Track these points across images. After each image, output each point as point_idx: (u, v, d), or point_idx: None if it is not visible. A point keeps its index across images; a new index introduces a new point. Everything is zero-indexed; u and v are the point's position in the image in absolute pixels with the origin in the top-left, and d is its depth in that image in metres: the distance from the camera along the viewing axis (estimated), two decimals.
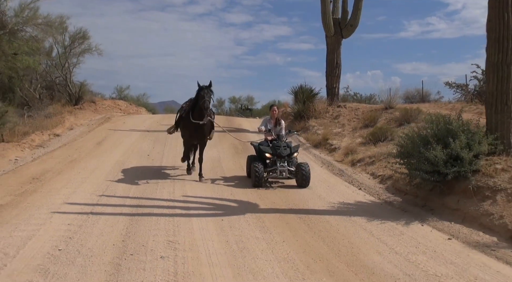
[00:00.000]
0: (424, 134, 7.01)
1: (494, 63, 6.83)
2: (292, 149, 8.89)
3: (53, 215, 6.33)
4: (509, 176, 6.30)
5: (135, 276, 4.37)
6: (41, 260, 4.70)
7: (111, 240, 5.40)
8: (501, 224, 5.68)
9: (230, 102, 45.22)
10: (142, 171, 9.71)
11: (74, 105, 21.02)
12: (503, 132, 6.84)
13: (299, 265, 4.80)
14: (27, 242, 5.22)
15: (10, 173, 9.03)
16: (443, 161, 6.56)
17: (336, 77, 16.49)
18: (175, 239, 5.50)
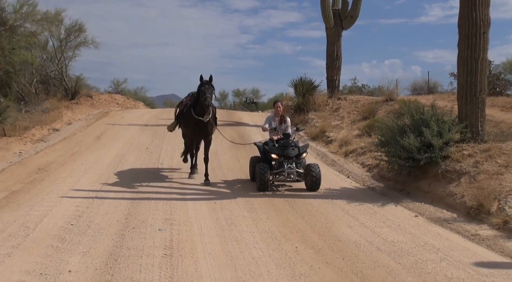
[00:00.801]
0: (401, 124, 8.28)
1: (464, 58, 8.08)
2: (300, 149, 8.81)
3: (62, 199, 7.69)
4: (474, 160, 7.57)
5: (137, 243, 5.70)
6: (57, 231, 6.05)
7: (115, 217, 6.74)
8: (462, 202, 6.95)
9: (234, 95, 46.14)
10: (141, 163, 11.05)
11: (70, 100, 22.41)
12: (472, 121, 8.10)
13: (277, 235, 6.11)
14: (43, 219, 6.58)
15: (16, 164, 10.43)
16: (416, 148, 7.84)
17: (336, 69, 17.74)
18: (171, 217, 6.83)
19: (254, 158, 9.58)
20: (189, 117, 9.18)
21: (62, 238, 5.80)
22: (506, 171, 7.10)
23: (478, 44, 7.95)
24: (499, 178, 7.00)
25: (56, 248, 5.45)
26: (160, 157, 11.79)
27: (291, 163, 8.62)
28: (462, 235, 6.09)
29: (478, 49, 7.95)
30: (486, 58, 8.09)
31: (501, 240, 5.77)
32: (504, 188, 6.71)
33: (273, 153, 8.73)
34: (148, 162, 11.20)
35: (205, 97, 8.62)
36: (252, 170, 9.36)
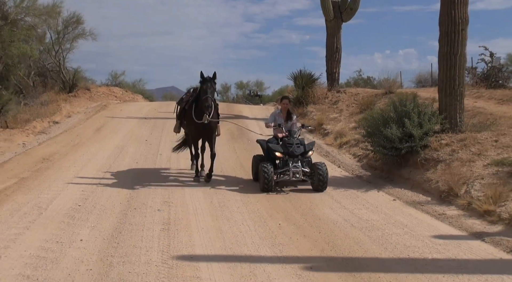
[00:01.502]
0: (386, 116, 9.40)
1: (444, 53, 9.19)
2: (306, 147, 8.87)
3: (68, 185, 8.87)
4: (450, 149, 8.69)
5: (139, 220, 6.87)
6: (66, 211, 7.23)
7: (118, 200, 7.92)
8: (436, 187, 8.08)
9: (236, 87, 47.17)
10: (141, 154, 12.22)
11: (68, 93, 23.63)
12: (451, 113, 9.22)
13: (264, 215, 7.27)
14: (52, 201, 7.76)
15: (22, 155, 11.63)
16: (398, 138, 8.96)
17: (336, 62, 18.83)
18: (169, 200, 8.00)
19: (257, 157, 9.56)
20: (190, 119, 9.26)
21: (72, 216, 6.98)
22: (478, 159, 8.22)
23: (457, 40, 9.05)
24: (470, 165, 8.12)
25: (68, 223, 6.63)
26: (159, 149, 12.94)
27: (297, 162, 8.65)
28: (431, 215, 7.22)
29: (457, 45, 9.05)
30: (464, 54, 9.19)
31: (463, 218, 6.90)
32: (473, 174, 7.83)
33: (277, 151, 8.74)
34: (148, 153, 12.36)
35: (206, 97, 8.68)
36: (255, 169, 9.36)
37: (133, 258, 5.36)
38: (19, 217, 6.83)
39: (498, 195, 6.82)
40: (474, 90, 17.03)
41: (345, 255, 5.60)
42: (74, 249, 5.63)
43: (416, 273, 4.96)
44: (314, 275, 4.94)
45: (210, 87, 8.75)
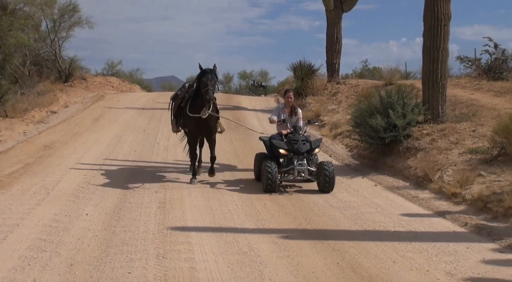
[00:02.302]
0: (373, 107, 10.64)
1: (427, 48, 10.42)
2: (312, 144, 8.96)
3: (71, 170, 10.18)
4: (431, 138, 9.94)
5: (137, 200, 8.15)
6: (72, 191, 8.53)
7: (118, 183, 9.21)
8: (415, 173, 9.33)
9: (239, 77, 48.30)
10: (139, 143, 13.51)
11: (64, 82, 24.97)
12: (433, 104, 10.46)
13: (252, 197, 8.52)
14: (58, 183, 9.06)
15: (24, 143, 12.95)
16: (383, 128, 10.20)
17: (336, 53, 20.06)
18: (165, 183, 9.29)
19: (259, 155, 9.62)
20: (186, 115, 9.27)
21: (77, 195, 8.28)
22: (454, 147, 9.46)
23: (440, 35, 10.27)
24: (447, 153, 9.36)
25: (73, 201, 7.93)
26: (157, 138, 14.23)
27: (302, 160, 8.76)
28: (405, 198, 8.49)
29: (439, 40, 10.27)
30: (446, 48, 10.41)
31: (432, 200, 8.16)
32: (448, 161, 9.08)
33: (281, 148, 8.84)
34: (145, 142, 13.65)
35: (207, 89, 8.71)
36: (258, 168, 9.42)
37: (132, 228, 6.65)
38: (29, 196, 8.13)
39: (465, 179, 8.06)
40: (475, 82, 18.26)
41: (318, 228, 6.87)
42: (81, 221, 6.93)
43: (376, 241, 6.22)
44: (288, 242, 6.21)
45: (211, 79, 8.78)
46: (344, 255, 5.75)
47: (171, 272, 5.16)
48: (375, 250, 5.92)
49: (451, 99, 15.07)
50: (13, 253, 5.59)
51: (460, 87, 18.15)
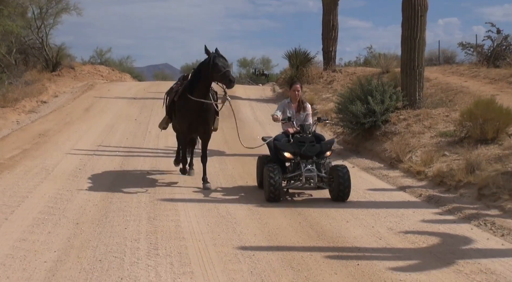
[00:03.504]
0: (355, 93, 12.52)
1: (405, 37, 12.27)
2: (323, 145, 8.62)
3: (67, 155, 12.08)
4: (406, 123, 11.82)
5: (131, 179, 10.04)
6: (70, 172, 10.43)
7: (113, 165, 11.12)
8: (389, 155, 11.21)
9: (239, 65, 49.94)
10: (130, 132, 15.41)
11: (51, 72, 26.86)
12: (410, 91, 12.33)
13: (236, 177, 10.42)
14: (56, 165, 10.96)
15: (18, 131, 14.88)
16: (362, 114, 12.07)
17: (332, 40, 21.90)
18: (156, 166, 11.20)
19: (262, 158, 9.42)
20: (185, 103, 9.17)
21: (75, 175, 10.19)
22: (427, 131, 11.35)
23: (417, 25, 12.12)
24: (420, 136, 11.25)
25: (72, 180, 9.84)
26: (148, 127, 16.11)
27: (311, 164, 8.43)
28: (376, 176, 10.37)
29: (416, 30, 12.13)
30: (423, 38, 12.27)
31: (399, 178, 10.04)
32: (420, 143, 10.97)
33: (286, 151, 8.51)
34: (137, 131, 15.55)
35: (226, 70, 8.71)
36: (260, 173, 9.25)
37: (127, 199, 8.54)
38: (32, 176, 10.04)
39: (430, 159, 9.94)
40: (474, 70, 20.17)
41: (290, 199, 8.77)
42: (81, 194, 8.83)
43: (337, 208, 8.09)
44: (261, 209, 8.08)
45: (225, 61, 8.85)
46: (306, 217, 7.63)
47: (160, 228, 7.05)
48: (334, 214, 7.79)
49: (443, 86, 17.05)
50: (28, 215, 7.50)
51: (458, 74, 20.04)
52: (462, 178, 8.71)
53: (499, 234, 6.76)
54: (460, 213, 7.71)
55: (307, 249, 6.29)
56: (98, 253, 6.04)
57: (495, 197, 7.88)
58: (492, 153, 9.35)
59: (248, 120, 17.57)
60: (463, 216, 7.61)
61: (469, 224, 7.24)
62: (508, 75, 17.42)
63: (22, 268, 5.56)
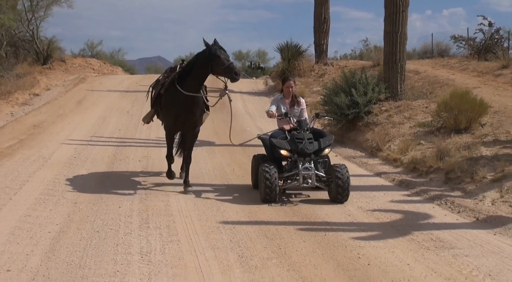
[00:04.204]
0: (339, 86, 13.62)
1: (388, 32, 13.37)
2: (321, 142, 8.62)
3: (62, 145, 13.15)
4: (388, 114, 12.94)
5: (124, 167, 11.14)
6: (66, 160, 11.51)
7: (106, 154, 12.20)
8: (370, 145, 12.32)
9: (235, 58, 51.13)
10: (123, 124, 16.49)
11: (42, 65, 27.90)
12: (392, 83, 13.44)
13: (224, 164, 11.52)
14: (52, 154, 12.03)
15: (13, 122, 15.96)
16: (346, 106, 13.17)
17: (324, 33, 22.98)
18: (148, 155, 12.29)
19: (258, 157, 9.48)
20: (174, 96, 9.01)
21: (71, 163, 11.27)
22: (407, 121, 12.46)
23: (398, 21, 13.22)
24: (399, 126, 12.37)
25: (69, 167, 10.92)
26: (140, 119, 17.18)
27: (309, 163, 8.45)
28: (357, 164, 11.48)
29: (398, 25, 13.23)
30: (405, 32, 13.37)
31: (377, 165, 11.15)
32: (399, 133, 12.08)
33: (283, 148, 8.51)
34: (129, 123, 16.63)
35: (230, 63, 8.54)
36: (255, 173, 9.24)
37: (120, 183, 9.62)
38: (30, 163, 11.11)
39: (406, 147, 11.05)
40: (464, 63, 21.27)
41: None
42: (78, 180, 9.90)
43: (315, 191, 9.17)
44: (245, 192, 9.18)
45: (226, 54, 8.71)
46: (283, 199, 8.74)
47: (151, 207, 8.13)
48: (311, 195, 8.88)
49: (430, 79, 18.15)
50: (30, 196, 8.58)
51: (448, 67, 21.13)
52: (433, 164, 9.81)
53: (456, 211, 7.88)
54: (426, 195, 8.83)
55: (282, 223, 7.38)
56: (96, 226, 7.13)
57: (459, 180, 8.99)
58: (463, 141, 10.45)
59: (239, 113, 18.61)
60: (428, 197, 8.73)
61: (432, 204, 8.36)
62: (495, 68, 18.46)
63: (30, 237, 6.65)
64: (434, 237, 6.71)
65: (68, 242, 6.47)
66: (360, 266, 5.81)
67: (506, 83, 16.21)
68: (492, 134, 10.50)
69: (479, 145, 10.01)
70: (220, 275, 5.57)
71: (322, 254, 6.20)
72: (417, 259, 5.99)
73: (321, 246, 6.47)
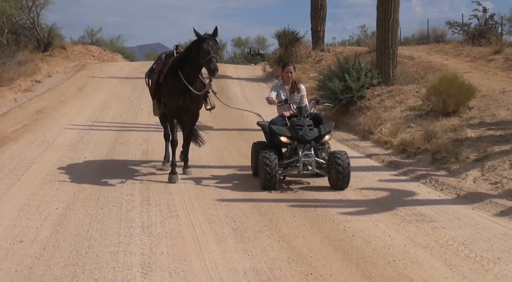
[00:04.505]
0: (333, 72, 14.06)
1: (380, 19, 13.79)
2: (321, 129, 8.59)
3: (65, 129, 13.62)
4: (380, 99, 13.39)
5: (125, 150, 11.61)
6: (69, 143, 11.98)
7: (108, 138, 12.67)
8: (363, 128, 12.79)
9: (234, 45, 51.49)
10: (123, 109, 16.95)
11: (43, 52, 28.32)
12: (385, 69, 13.89)
13: (221, 148, 11.99)
14: (56, 138, 12.50)
15: (17, 108, 16.42)
16: (340, 91, 13.62)
17: (321, 20, 23.38)
18: (148, 139, 12.76)
19: (257, 144, 9.46)
20: (175, 83, 8.97)
21: (74, 146, 11.75)
22: (398, 105, 12.92)
23: (390, 8, 13.64)
24: (391, 110, 12.82)
25: (72, 150, 11.40)
26: (140, 105, 17.65)
27: (309, 150, 8.43)
28: (349, 147, 11.95)
29: (390, 12, 13.65)
30: (396, 19, 13.79)
31: (369, 147, 11.62)
32: (390, 117, 12.55)
33: (282, 134, 8.50)
34: (130, 108, 17.09)
35: (210, 57, 8.32)
36: (255, 160, 9.21)
37: (123, 165, 10.11)
38: (35, 146, 11.59)
39: (396, 130, 11.52)
40: (459, 48, 21.71)
41: None
42: (81, 161, 10.39)
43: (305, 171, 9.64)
44: (241, 172, 9.67)
45: (213, 46, 8.44)
46: None
47: (151, 186, 8.62)
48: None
49: (424, 64, 18.59)
50: (37, 177, 9.06)
51: (443, 53, 21.57)
52: (421, 145, 10.29)
53: (439, 189, 8.36)
54: (412, 174, 9.32)
55: (275, 201, 7.86)
56: (100, 203, 7.62)
57: (444, 161, 9.46)
58: (451, 124, 10.93)
59: (237, 98, 19.10)
60: (414, 176, 9.21)
61: (417, 182, 8.85)
62: (488, 54, 18.88)
63: (38, 213, 7.14)
64: (416, 212, 7.19)
65: (74, 217, 6.96)
66: (345, 237, 6.29)
67: (497, 68, 16.64)
68: (478, 117, 10.97)
69: (465, 127, 10.48)
70: (216, 245, 6.06)
71: (311, 227, 6.68)
72: (398, 231, 6.47)
73: (310, 220, 6.94)
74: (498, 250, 5.79)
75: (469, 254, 5.68)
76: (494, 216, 7.01)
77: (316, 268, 5.40)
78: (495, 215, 7.04)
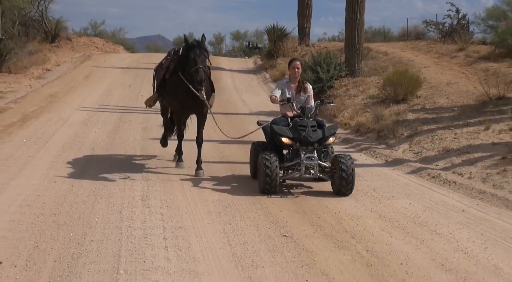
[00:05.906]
0: (307, 64, 16.39)
1: (348, 19, 16.10)
2: (326, 131, 8.30)
3: (76, 111, 15.95)
4: (346, 89, 15.74)
5: (128, 127, 13.93)
6: (81, 121, 14.32)
7: (113, 118, 15.01)
8: (329, 113, 15.12)
9: (232, 38, 53.37)
10: (126, 95, 19.27)
11: (50, 43, 30.60)
12: (352, 62, 16.23)
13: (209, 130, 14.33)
14: (69, 117, 14.83)
15: (33, 93, 18.75)
16: (312, 81, 15.93)
17: (307, 17, 25.65)
18: (148, 119, 15.10)
19: (257, 145, 9.13)
20: (178, 84, 8.97)
21: (85, 124, 14.08)
22: (360, 94, 15.27)
23: (357, 10, 15.95)
24: (354, 98, 15.18)
25: (84, 126, 13.73)
26: (141, 92, 19.93)
27: (312, 152, 8.09)
28: None
29: (357, 13, 15.96)
30: (362, 20, 16.11)
31: None
32: (352, 103, 14.89)
33: (283, 135, 8.12)
34: (131, 94, 19.41)
35: (197, 68, 8.31)
36: (254, 162, 8.90)
37: (126, 138, 12.45)
38: (53, 123, 13.92)
39: (355, 114, 13.87)
40: (431, 45, 23.95)
41: None
42: (92, 134, 12.72)
43: None
44: (230, 152, 11.99)
45: (200, 55, 8.40)
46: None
47: (150, 150, 10.97)
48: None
49: (395, 60, 20.85)
50: (58, 144, 11.41)
51: (417, 49, 23.81)
52: (370, 126, 12.66)
53: (374, 157, 10.76)
54: (359, 147, 11.71)
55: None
56: (110, 163, 9.98)
57: (385, 137, 11.84)
58: (398, 109, 13.28)
59: (227, 88, 21.41)
60: (360, 148, 11.61)
61: (360, 153, 11.24)
62: (453, 51, 21.18)
63: (64, 166, 9.51)
64: None
65: (91, 172, 9.30)
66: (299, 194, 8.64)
67: (456, 64, 18.92)
68: (421, 104, 13.33)
69: (407, 111, 12.85)
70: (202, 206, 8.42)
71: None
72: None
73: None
74: (395, 192, 8.21)
75: (373, 194, 8.11)
76: (405, 174, 9.42)
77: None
78: (406, 173, 9.46)
